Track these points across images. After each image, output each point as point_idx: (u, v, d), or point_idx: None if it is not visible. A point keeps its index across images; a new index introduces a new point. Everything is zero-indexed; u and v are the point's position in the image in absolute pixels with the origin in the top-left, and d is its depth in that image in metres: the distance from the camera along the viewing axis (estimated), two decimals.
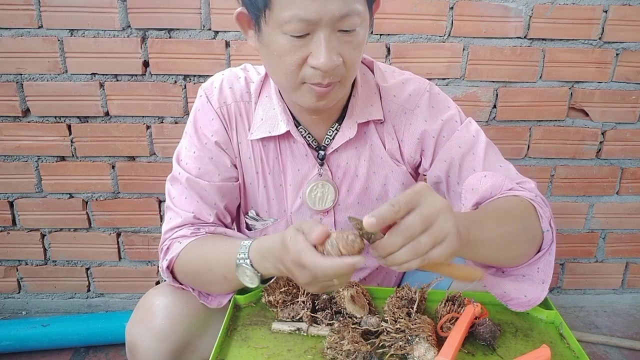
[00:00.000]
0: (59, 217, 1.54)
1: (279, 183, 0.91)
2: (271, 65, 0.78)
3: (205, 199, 0.87)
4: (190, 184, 0.86)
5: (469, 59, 1.45)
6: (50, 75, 1.41)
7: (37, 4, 1.34)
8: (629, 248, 1.70)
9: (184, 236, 0.85)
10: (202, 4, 1.36)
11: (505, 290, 0.79)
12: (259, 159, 0.89)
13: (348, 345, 0.66)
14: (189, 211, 0.86)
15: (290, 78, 0.75)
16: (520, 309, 0.79)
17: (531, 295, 0.78)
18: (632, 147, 1.58)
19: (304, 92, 0.77)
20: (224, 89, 0.88)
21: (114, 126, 1.45)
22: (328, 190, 0.90)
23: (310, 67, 0.73)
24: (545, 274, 0.79)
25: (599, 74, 1.49)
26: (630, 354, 1.53)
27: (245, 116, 0.88)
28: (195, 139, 0.88)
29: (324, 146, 0.89)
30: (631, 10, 1.42)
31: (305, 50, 0.72)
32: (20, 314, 1.64)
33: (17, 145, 1.46)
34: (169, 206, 0.88)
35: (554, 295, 1.76)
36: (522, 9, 1.41)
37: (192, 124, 0.89)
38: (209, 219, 0.87)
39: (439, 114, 0.90)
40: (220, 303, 0.85)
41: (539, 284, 0.78)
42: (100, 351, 1.48)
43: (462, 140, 0.88)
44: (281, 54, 0.73)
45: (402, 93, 0.90)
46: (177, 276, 0.85)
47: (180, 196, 0.88)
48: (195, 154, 0.87)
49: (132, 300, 1.65)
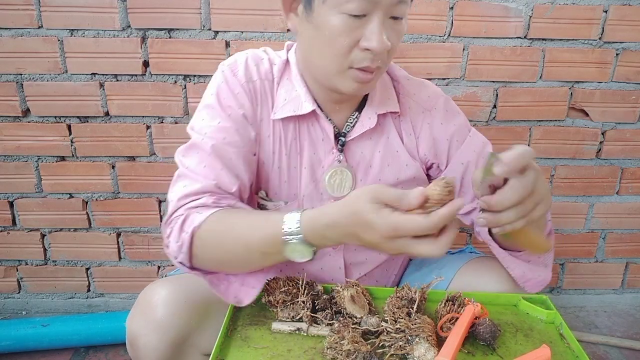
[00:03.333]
0: (59, 217, 1.54)
1: (294, 165, 0.91)
2: (318, 47, 0.78)
3: (230, 168, 0.82)
4: (216, 150, 0.81)
5: (469, 59, 1.45)
6: (50, 75, 1.41)
7: (37, 4, 1.34)
8: (629, 248, 1.71)
9: (204, 205, 0.78)
10: (202, 4, 1.36)
11: (524, 270, 0.85)
12: (278, 138, 0.89)
13: (348, 345, 0.66)
14: (209, 178, 0.80)
15: (337, 60, 0.77)
16: (535, 290, 0.86)
17: (543, 275, 0.86)
18: (632, 147, 1.58)
19: (347, 77, 0.79)
20: (250, 65, 0.88)
21: (114, 126, 1.45)
22: (346, 177, 0.91)
23: (361, 51, 0.75)
24: (547, 259, 0.87)
25: (599, 74, 1.49)
26: (630, 354, 1.53)
27: (270, 95, 0.88)
28: (220, 109, 0.85)
29: (344, 133, 0.91)
30: (631, 10, 1.42)
31: (358, 33, 0.74)
32: (20, 314, 1.64)
33: (17, 145, 1.46)
34: (183, 174, 0.82)
35: (554, 295, 1.76)
36: (522, 9, 1.41)
37: (214, 96, 0.86)
38: (231, 189, 0.81)
39: (452, 119, 0.95)
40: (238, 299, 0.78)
41: (544, 268, 0.87)
42: (100, 351, 1.48)
43: (475, 146, 0.94)
44: (333, 35, 0.74)
45: (422, 93, 0.95)
46: (196, 252, 0.78)
47: (197, 164, 0.81)
48: (220, 124, 0.84)
49: (132, 300, 1.64)
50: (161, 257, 1.60)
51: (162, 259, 1.61)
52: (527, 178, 0.63)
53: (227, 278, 0.81)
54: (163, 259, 1.60)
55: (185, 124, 1.46)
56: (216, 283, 0.80)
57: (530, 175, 0.63)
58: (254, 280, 0.80)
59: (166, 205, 0.83)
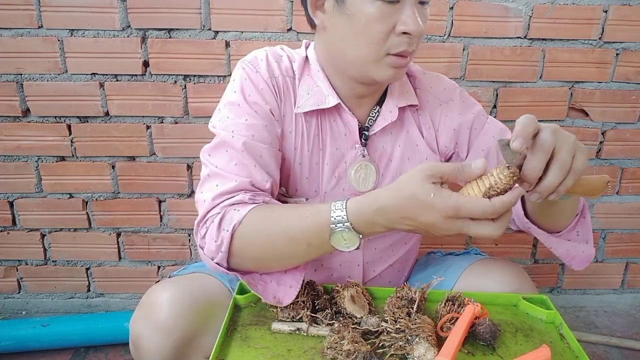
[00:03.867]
0: (59, 217, 1.54)
1: (316, 161, 0.91)
2: (352, 37, 0.79)
3: (262, 165, 0.81)
4: (248, 147, 0.80)
5: (469, 59, 1.45)
6: (50, 75, 1.41)
7: (37, 4, 1.34)
8: (629, 248, 1.70)
9: (242, 202, 0.77)
10: (202, 4, 1.36)
11: (568, 248, 0.87)
12: (300, 134, 0.89)
13: (348, 345, 0.66)
14: (242, 176, 0.79)
15: (375, 49, 0.78)
16: (581, 266, 0.89)
17: (587, 251, 0.88)
18: (632, 147, 1.58)
19: (384, 64, 0.81)
20: (271, 62, 0.88)
21: (114, 126, 1.45)
22: (370, 171, 0.91)
23: (397, 36, 0.77)
24: (586, 235, 0.88)
25: (599, 74, 1.49)
26: (630, 354, 1.53)
27: (292, 90, 0.89)
28: (246, 106, 0.84)
29: (367, 127, 0.91)
30: (631, 10, 1.42)
31: (394, 19, 0.77)
32: (20, 314, 1.64)
33: (17, 145, 1.46)
34: (214, 173, 0.80)
35: (554, 295, 1.76)
36: (522, 9, 1.41)
37: (238, 93, 0.85)
38: (264, 186, 0.81)
39: (469, 108, 0.98)
40: (277, 299, 0.77)
41: (584, 244, 0.88)
42: (100, 351, 1.48)
43: (494, 132, 0.96)
44: (369, 23, 0.76)
45: (438, 87, 0.98)
46: (237, 251, 0.76)
47: (228, 163, 0.80)
48: (248, 122, 0.82)
49: (132, 300, 1.65)
50: (161, 257, 1.60)
51: (162, 259, 1.61)
52: (542, 136, 0.63)
53: (262, 278, 0.80)
54: (163, 259, 1.60)
55: (185, 123, 1.47)
56: (253, 284, 0.79)
57: (545, 133, 0.63)
58: (290, 279, 0.80)
59: (197, 205, 0.81)
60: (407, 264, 1.08)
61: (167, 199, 1.54)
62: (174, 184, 1.51)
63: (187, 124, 1.46)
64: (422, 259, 1.16)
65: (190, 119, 1.45)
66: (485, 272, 0.93)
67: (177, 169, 1.50)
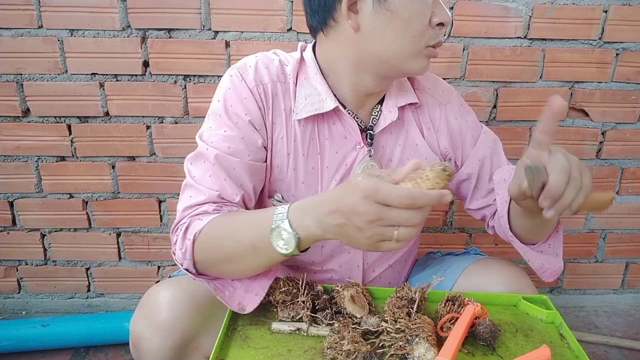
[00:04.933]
0: (59, 217, 1.54)
1: (312, 166, 0.90)
2: (394, 32, 0.80)
3: (234, 178, 0.83)
4: (220, 160, 0.82)
5: (469, 59, 1.45)
6: (50, 75, 1.41)
7: (37, 4, 1.34)
8: (629, 248, 1.70)
9: (206, 212, 0.80)
10: (202, 4, 1.36)
11: (542, 261, 0.90)
12: (293, 139, 0.88)
13: (348, 345, 0.66)
14: (213, 189, 0.81)
15: (417, 41, 0.81)
16: (552, 279, 0.93)
17: (557, 265, 0.92)
18: (632, 147, 1.58)
19: (422, 56, 0.83)
20: (260, 68, 0.88)
21: (114, 126, 1.46)
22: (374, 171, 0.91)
23: (433, 28, 0.81)
24: (556, 248, 0.92)
25: (599, 74, 1.49)
26: (630, 354, 1.53)
27: (282, 96, 0.88)
28: (226, 118, 0.85)
29: (371, 126, 0.92)
30: (631, 10, 1.42)
31: (430, 11, 0.80)
32: (20, 314, 1.64)
33: (17, 145, 1.46)
34: (190, 184, 0.84)
35: (554, 295, 1.76)
36: (522, 9, 1.41)
37: (220, 103, 0.86)
38: (234, 199, 0.83)
39: (465, 114, 0.99)
40: (242, 306, 0.78)
41: (554, 257, 0.92)
42: (100, 351, 1.48)
43: (488, 142, 0.99)
44: (413, 16, 0.79)
45: (437, 88, 0.99)
46: (198, 257, 0.78)
47: (203, 174, 0.83)
48: (226, 133, 0.84)
49: (132, 300, 1.65)
50: (161, 257, 1.60)
51: (162, 259, 1.61)
52: (559, 157, 0.67)
53: (232, 284, 0.81)
54: (163, 259, 1.60)
55: (185, 123, 1.47)
56: (221, 289, 0.79)
57: (559, 155, 0.68)
58: (257, 286, 0.80)
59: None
60: (406, 264, 1.08)
61: (167, 199, 1.54)
62: (174, 184, 1.51)
63: (187, 124, 1.46)
64: (421, 259, 1.16)
65: (190, 119, 1.45)
66: (485, 272, 0.93)
67: (177, 169, 1.50)
